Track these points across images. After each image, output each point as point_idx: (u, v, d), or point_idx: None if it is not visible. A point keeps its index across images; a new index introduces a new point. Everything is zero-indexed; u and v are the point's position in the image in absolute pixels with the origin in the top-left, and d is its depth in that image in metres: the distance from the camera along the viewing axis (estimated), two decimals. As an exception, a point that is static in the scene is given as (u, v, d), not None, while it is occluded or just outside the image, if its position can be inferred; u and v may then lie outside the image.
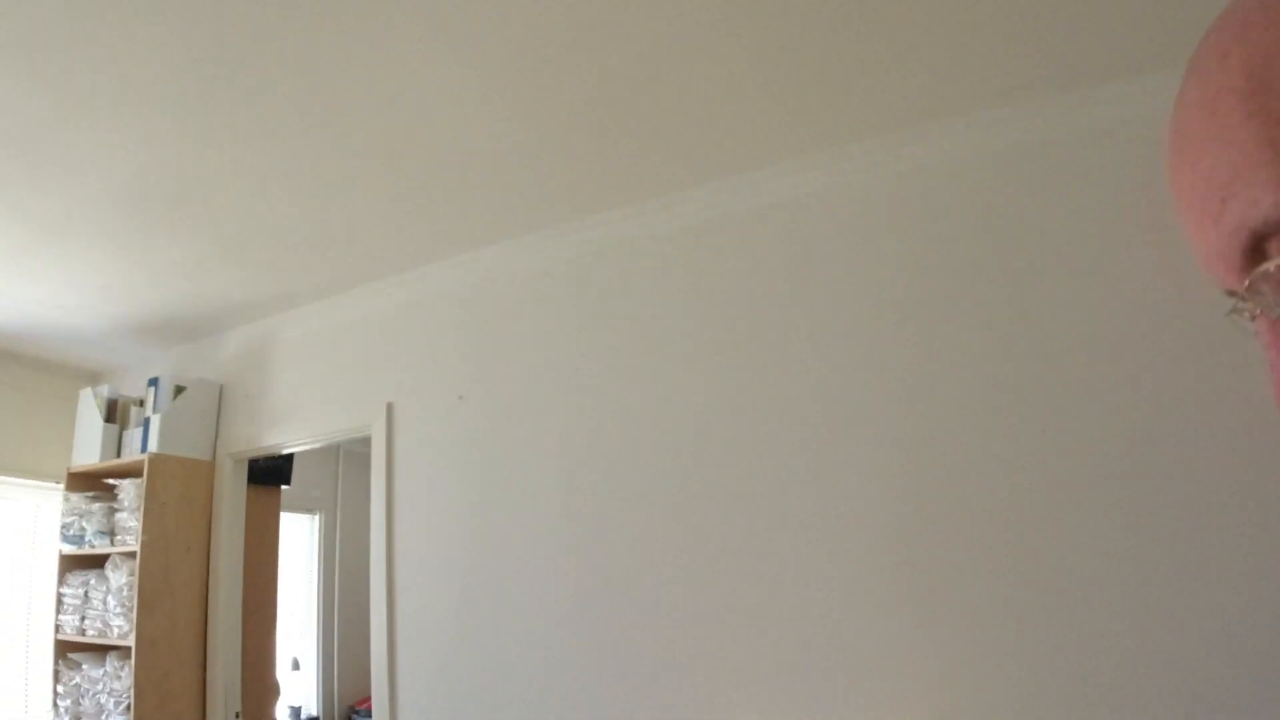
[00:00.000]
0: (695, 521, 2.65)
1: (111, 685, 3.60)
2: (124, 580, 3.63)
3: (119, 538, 3.76)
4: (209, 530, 3.92)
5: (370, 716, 6.23)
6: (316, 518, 6.20)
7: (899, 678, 2.30)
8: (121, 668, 3.58)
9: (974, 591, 2.23)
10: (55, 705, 3.81)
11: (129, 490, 3.74)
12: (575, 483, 2.90)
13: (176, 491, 3.78)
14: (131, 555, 3.62)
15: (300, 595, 6.04)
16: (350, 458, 6.44)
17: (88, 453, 4.05)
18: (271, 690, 4.25)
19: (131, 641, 3.51)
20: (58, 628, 3.90)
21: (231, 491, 3.95)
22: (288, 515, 5.77)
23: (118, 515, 3.79)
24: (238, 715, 3.82)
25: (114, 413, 4.09)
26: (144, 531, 3.60)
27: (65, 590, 3.91)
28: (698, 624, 2.60)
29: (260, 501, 4.30)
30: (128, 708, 3.49)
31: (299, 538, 6.09)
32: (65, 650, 3.88)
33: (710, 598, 2.58)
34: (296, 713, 5.69)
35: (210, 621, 3.84)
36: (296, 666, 5.76)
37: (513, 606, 2.96)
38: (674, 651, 2.62)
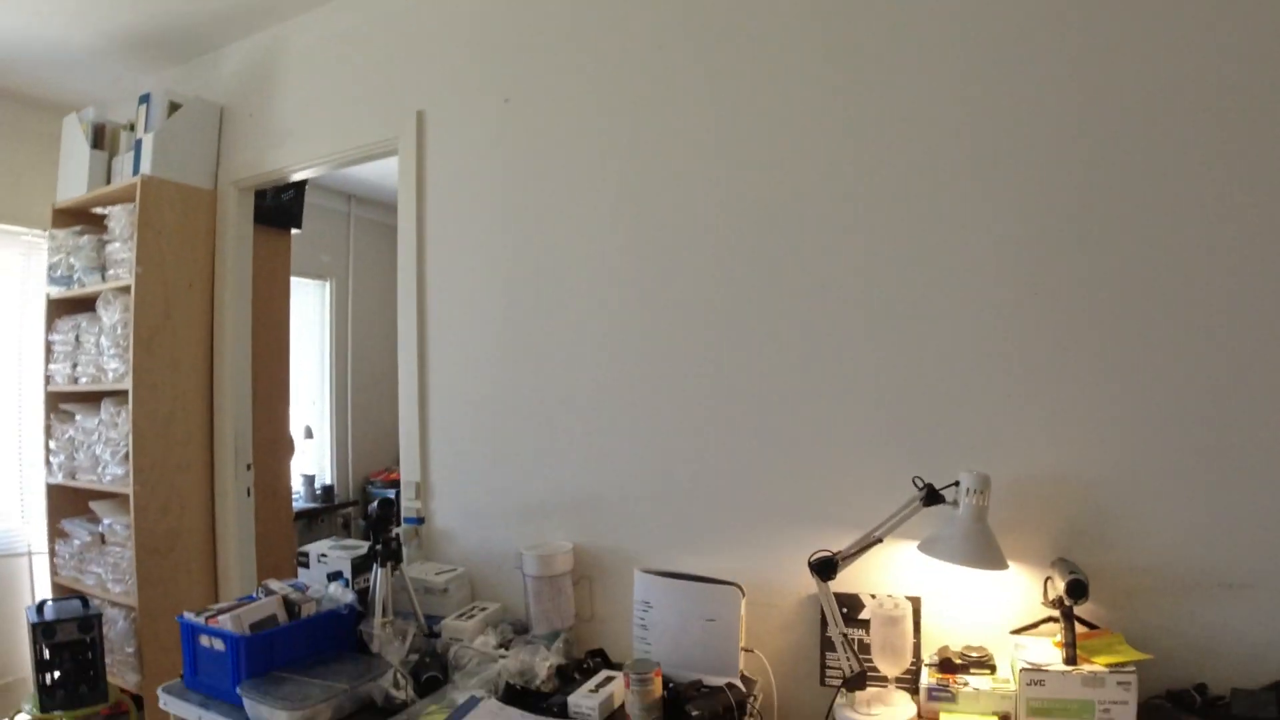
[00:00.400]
0: (783, 238, 2.19)
1: (108, 434, 3.25)
2: (117, 318, 3.20)
3: (111, 273, 3.31)
4: (212, 267, 3.46)
5: (387, 489, 6.09)
6: (328, 284, 5.76)
7: (1030, 419, 1.91)
8: (118, 414, 3.21)
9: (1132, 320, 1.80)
10: (48, 461, 3.49)
11: (120, 218, 3.25)
12: (634, 202, 2.43)
13: (173, 220, 3.30)
14: (125, 290, 3.18)
15: (311, 363, 5.69)
16: (361, 224, 5.94)
17: (74, 185, 3.54)
18: (286, 445, 3.93)
19: (128, 384, 3.13)
20: (48, 378, 3.52)
21: (237, 224, 3.47)
22: (297, 281, 5.34)
23: (109, 248, 3.32)
24: (249, 467, 3.50)
25: (101, 138, 3.55)
26: (138, 263, 3.15)
27: (55, 337, 3.51)
28: (777, 354, 2.19)
29: (269, 244, 3.83)
30: (125, 456, 3.14)
31: (309, 305, 5.67)
32: (57, 402, 3.53)
33: (797, 322, 2.17)
34: (310, 481, 5.45)
35: (216, 366, 3.45)
36: (309, 435, 5.48)
37: (559, 348, 2.56)
38: (750, 389, 2.23)
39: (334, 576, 2.51)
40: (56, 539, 3.47)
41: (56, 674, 2.90)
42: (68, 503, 3.48)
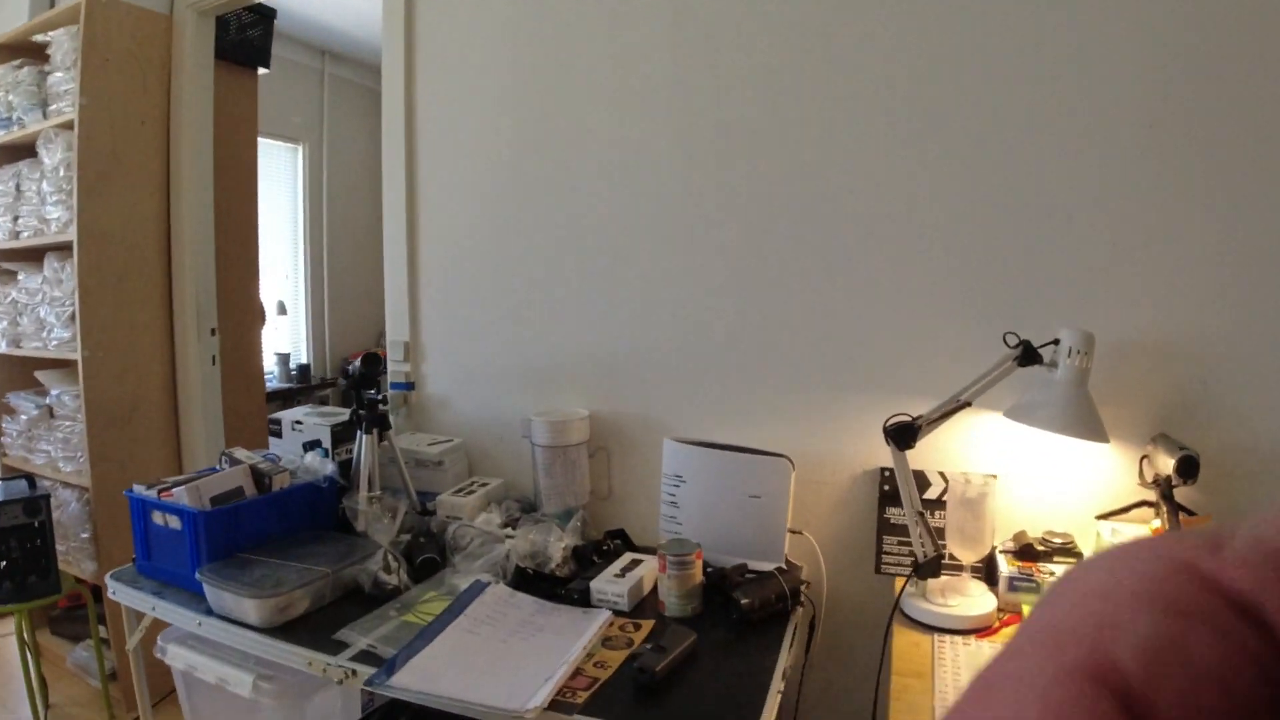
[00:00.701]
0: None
1: (51, 293, 2.85)
2: (59, 158, 2.78)
3: (53, 108, 2.86)
4: (168, 104, 3.02)
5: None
6: (300, 149, 5.28)
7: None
8: (62, 269, 2.82)
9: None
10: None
11: (62, 43, 2.79)
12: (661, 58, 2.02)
13: (123, 47, 2.84)
14: (68, 127, 2.74)
15: (284, 234, 5.26)
16: (337, 84, 5.42)
17: (14, 14, 3.06)
18: (255, 313, 3.56)
19: (73, 234, 2.72)
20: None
21: (195, 54, 3.02)
22: (266, 143, 4.88)
23: (51, 80, 2.86)
24: (213, 332, 3.14)
25: (37, -46, 3.06)
26: (82, 93, 2.70)
27: (-7, 186, 3.07)
28: (840, 192, 1.84)
29: (232, 84, 3.38)
30: (72, 317, 2.76)
31: (280, 170, 5.21)
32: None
33: (864, 154, 1.82)
34: (285, 361, 5.09)
35: (174, 216, 3.04)
36: (283, 310, 5.09)
37: (572, 179, 2.18)
38: (805, 232, 1.89)
39: (311, 446, 2.18)
40: (2, 415, 3.11)
41: (1, 563, 2.59)
42: (16, 374, 3.11)
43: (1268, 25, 1.48)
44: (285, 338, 5.21)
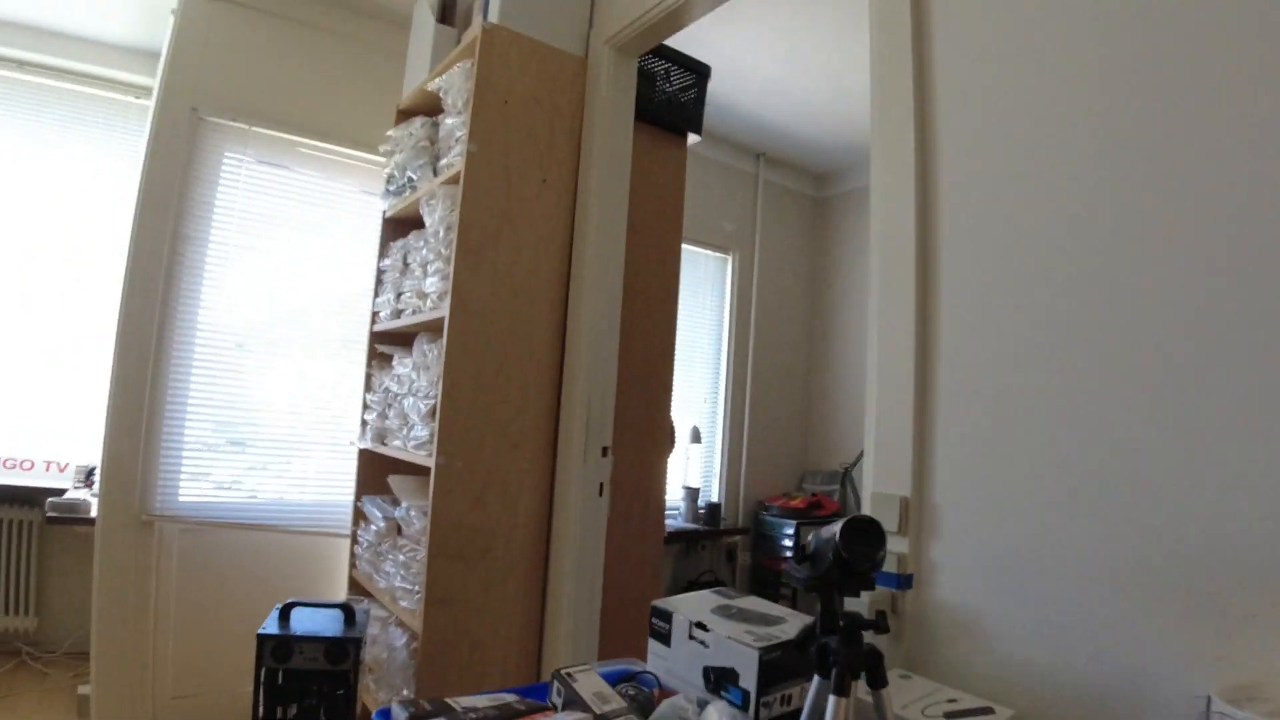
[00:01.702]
0: None
1: (417, 382, 2.23)
2: (439, 217, 2.19)
3: (444, 162, 2.34)
4: (576, 163, 2.35)
5: (784, 520, 4.75)
6: (730, 259, 4.58)
7: None
8: (430, 353, 2.19)
9: None
10: (363, 420, 2.60)
11: (455, 82, 2.26)
12: None
13: (524, 88, 2.24)
14: (455, 181, 2.15)
15: (704, 353, 4.53)
16: (771, 190, 4.70)
17: (415, 73, 2.68)
18: (663, 434, 2.71)
19: (444, 310, 2.08)
20: (374, 315, 2.66)
21: (612, 101, 2.34)
22: (690, 250, 4.23)
23: (444, 127, 2.35)
24: (605, 453, 2.31)
25: (451, 11, 2.65)
26: (471, 138, 2.11)
27: (385, 263, 2.65)
28: None
29: (656, 152, 2.68)
30: (433, 412, 2.09)
31: (704, 282, 4.53)
32: (376, 344, 2.64)
33: None
34: (693, 496, 4.25)
35: (572, 299, 2.32)
36: (697, 438, 4.29)
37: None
38: None
39: (719, 677, 1.14)
40: (359, 521, 2.55)
41: (285, 715, 1.89)
42: (379, 474, 2.55)
43: None
44: (696, 471, 4.40)
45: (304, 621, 1.98)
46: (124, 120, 3.48)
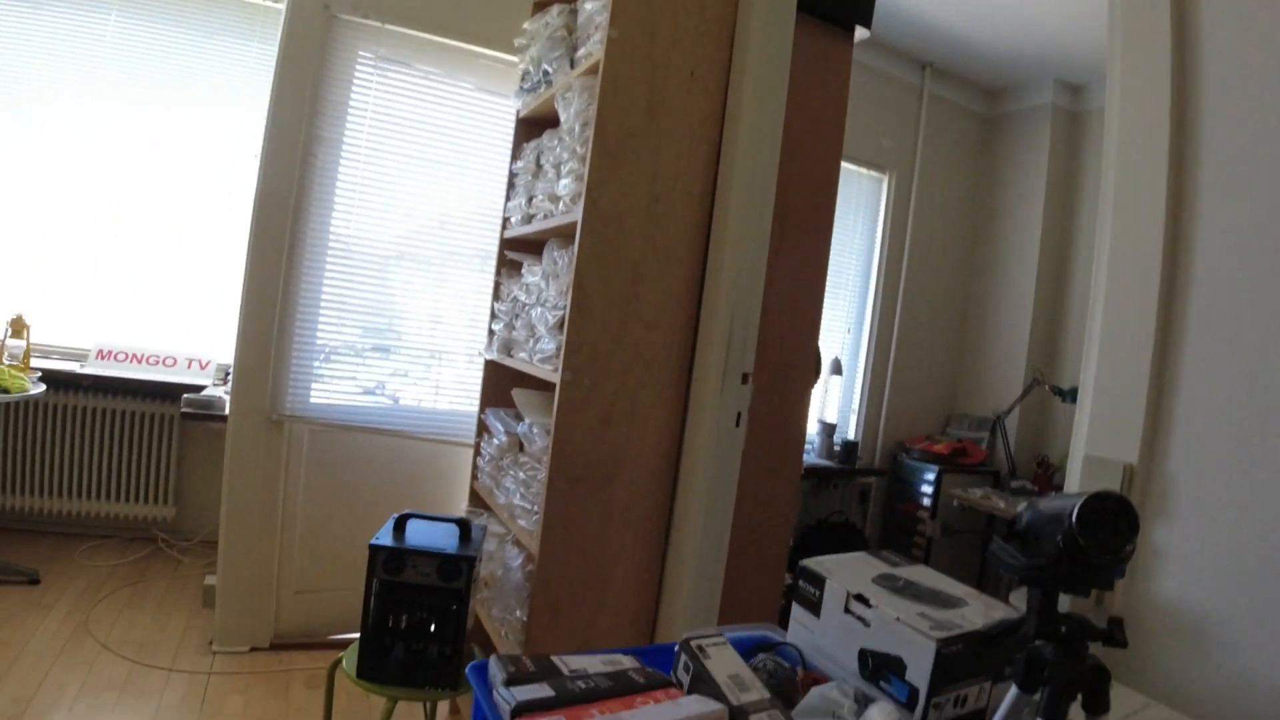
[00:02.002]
0: None
1: (546, 291, 2.06)
2: (575, 111, 1.97)
3: (581, 52, 2.12)
4: (729, 54, 2.08)
5: (926, 465, 4.41)
6: (886, 178, 4.19)
7: None
8: (560, 260, 2.00)
9: None
10: (490, 333, 2.46)
11: (599, -41, 2.00)
12: None
13: (678, -32, 1.96)
14: (592, 72, 1.92)
15: (851, 278, 4.20)
16: (936, 105, 4.25)
17: None
18: (808, 364, 2.46)
19: (578, 214, 1.87)
20: (505, 221, 2.49)
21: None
22: (844, 166, 3.87)
23: (581, 14, 2.12)
24: (745, 379, 2.08)
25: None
26: (612, 23, 1.87)
27: (517, 166, 2.46)
28: None
29: (818, 46, 2.36)
30: (560, 324, 1.91)
31: (856, 202, 4.17)
32: (506, 252, 2.48)
33: None
34: (829, 432, 3.99)
35: (718, 209, 2.07)
36: (838, 369, 4.01)
37: None
38: None
39: (877, 665, 0.92)
40: (482, 433, 2.43)
41: (396, 626, 1.81)
42: (504, 387, 2.42)
43: None
44: (833, 404, 4.12)
45: (419, 535, 1.88)
46: (262, 26, 3.42)
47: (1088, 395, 1.15)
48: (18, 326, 3.02)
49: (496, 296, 2.48)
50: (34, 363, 3.07)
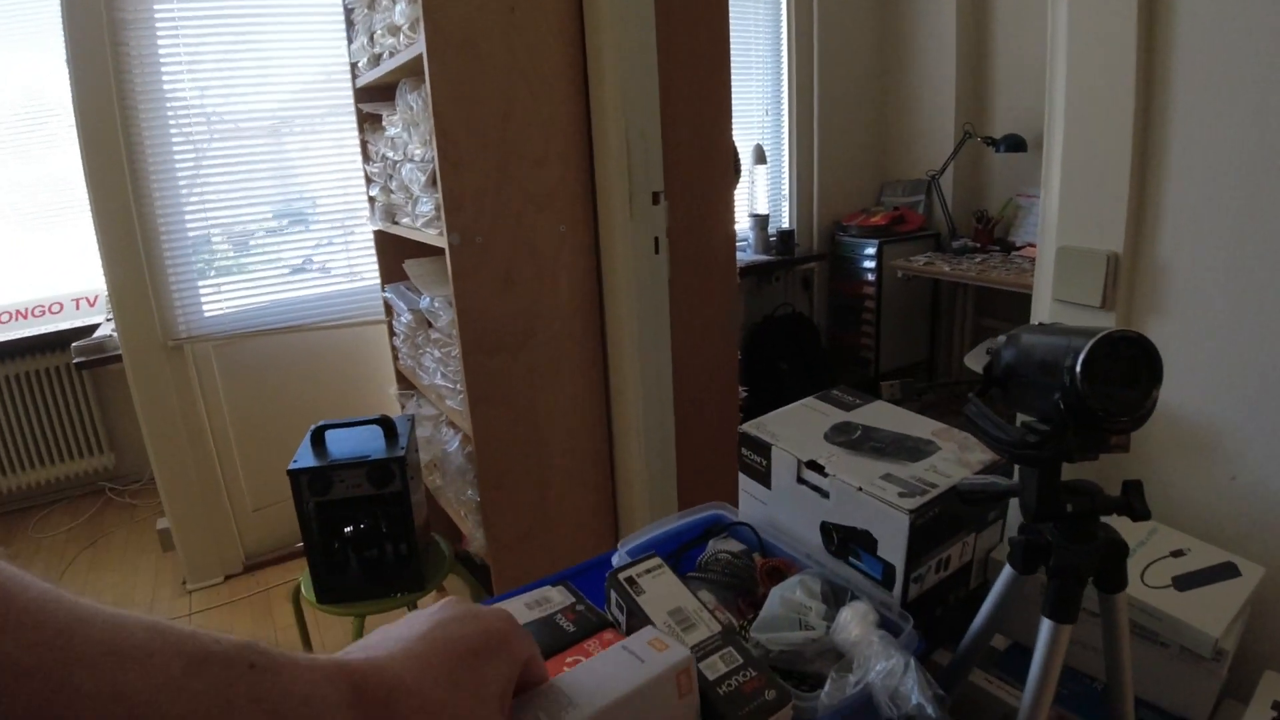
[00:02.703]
0: None
1: (409, 144, 1.76)
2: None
3: None
4: None
5: (865, 239, 4.21)
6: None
7: None
8: (415, 103, 1.68)
9: None
10: (370, 200, 2.16)
11: None
12: None
13: None
14: None
15: (759, 61, 3.84)
16: None
17: None
18: (724, 164, 2.18)
19: (420, 45, 1.53)
20: (352, 69, 2.12)
21: None
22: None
23: None
24: (657, 199, 1.82)
25: None
26: None
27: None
28: None
29: None
30: (432, 180, 1.62)
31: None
32: (360, 105, 2.13)
33: None
34: (762, 224, 3.77)
35: (588, 7, 1.73)
36: (761, 158, 3.73)
37: None
38: None
39: (845, 539, 0.75)
40: (389, 312, 2.18)
41: (343, 544, 1.65)
42: (397, 259, 2.14)
43: None
44: (763, 194, 3.87)
45: (341, 444, 1.68)
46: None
47: (1054, 172, 0.92)
48: None
49: (366, 157, 2.14)
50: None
